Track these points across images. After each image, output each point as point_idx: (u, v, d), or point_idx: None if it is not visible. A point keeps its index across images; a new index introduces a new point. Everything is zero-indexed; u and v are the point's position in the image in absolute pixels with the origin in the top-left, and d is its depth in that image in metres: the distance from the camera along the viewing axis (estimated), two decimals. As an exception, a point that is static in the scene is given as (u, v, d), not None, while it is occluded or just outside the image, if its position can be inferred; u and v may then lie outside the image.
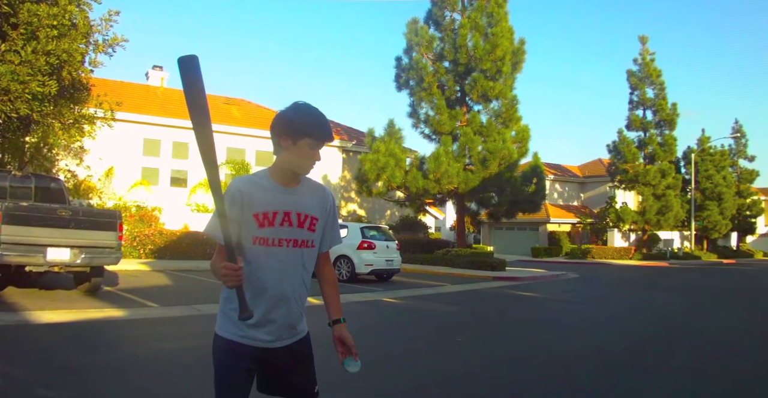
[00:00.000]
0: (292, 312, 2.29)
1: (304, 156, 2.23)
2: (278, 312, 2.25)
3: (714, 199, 46.35)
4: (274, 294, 2.23)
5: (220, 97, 32.37)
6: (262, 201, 2.20)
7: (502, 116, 24.96)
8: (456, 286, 16.25)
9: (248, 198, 2.19)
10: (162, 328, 8.06)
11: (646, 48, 40.71)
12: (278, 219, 2.22)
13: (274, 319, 2.25)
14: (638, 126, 40.59)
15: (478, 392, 5.29)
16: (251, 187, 2.22)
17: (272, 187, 2.24)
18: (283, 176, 2.27)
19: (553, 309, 12.76)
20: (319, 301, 2.52)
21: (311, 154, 2.25)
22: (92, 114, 16.52)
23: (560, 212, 44.25)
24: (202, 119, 1.94)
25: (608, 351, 7.39)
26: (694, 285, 19.87)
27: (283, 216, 2.23)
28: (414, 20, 25.49)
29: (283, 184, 2.26)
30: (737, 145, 53.41)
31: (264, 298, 2.22)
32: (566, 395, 5.26)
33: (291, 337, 2.32)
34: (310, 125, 2.22)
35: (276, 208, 2.22)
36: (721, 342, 8.44)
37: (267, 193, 2.22)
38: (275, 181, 2.26)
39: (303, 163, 2.25)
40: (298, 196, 2.28)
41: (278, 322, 2.26)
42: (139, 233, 20.26)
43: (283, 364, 2.31)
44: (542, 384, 5.60)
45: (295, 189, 2.29)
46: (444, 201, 29.19)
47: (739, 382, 5.92)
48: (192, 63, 1.87)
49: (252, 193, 2.20)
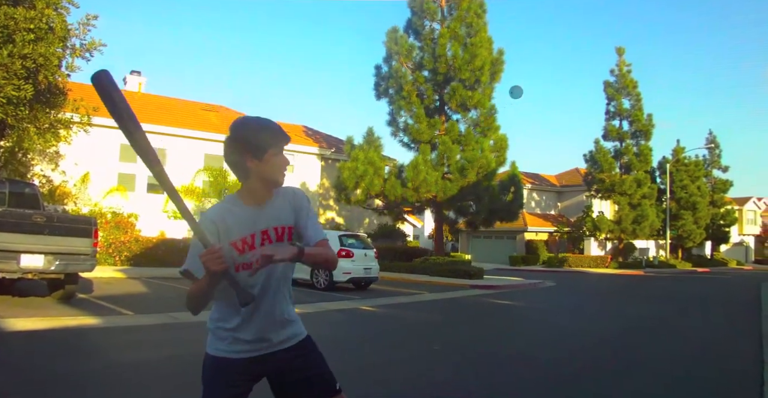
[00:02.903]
0: (275, 318, 2.26)
1: (275, 167, 2.19)
2: (265, 322, 2.24)
3: (689, 209, 46.97)
4: (261, 309, 2.22)
5: (199, 104, 32.20)
6: (238, 227, 2.16)
7: (481, 125, 25.13)
8: (434, 294, 16.27)
9: (223, 227, 2.15)
10: (137, 337, 7.98)
11: (623, 59, 41.26)
12: (257, 240, 2.19)
13: (262, 329, 2.24)
14: (615, 136, 41.07)
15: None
16: (224, 215, 2.18)
17: (244, 211, 2.20)
18: (255, 195, 2.22)
19: (530, 317, 12.84)
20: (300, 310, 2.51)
21: (280, 161, 2.20)
22: (68, 119, 16.36)
23: (538, 221, 44.55)
24: (132, 129, 1.94)
25: (584, 359, 7.45)
26: (668, 293, 20.10)
27: (261, 236, 2.20)
28: (394, 29, 25.59)
29: (256, 203, 2.21)
30: (711, 156, 54.23)
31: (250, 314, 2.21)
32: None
33: (283, 339, 2.29)
34: (267, 137, 2.18)
35: (253, 231, 2.18)
36: (693, 350, 8.56)
37: (241, 218, 2.18)
38: (246, 204, 2.21)
39: (276, 175, 2.21)
40: (271, 210, 2.23)
41: (264, 329, 2.24)
42: (114, 240, 20.04)
43: (291, 367, 2.29)
44: (518, 390, 5.63)
45: (268, 203, 2.23)
46: (422, 210, 29.29)
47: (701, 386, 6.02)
48: (106, 78, 1.87)
49: (226, 221, 2.16)
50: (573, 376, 6.42)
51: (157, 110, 28.23)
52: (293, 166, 30.61)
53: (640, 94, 41.14)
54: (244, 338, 2.22)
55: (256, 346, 2.24)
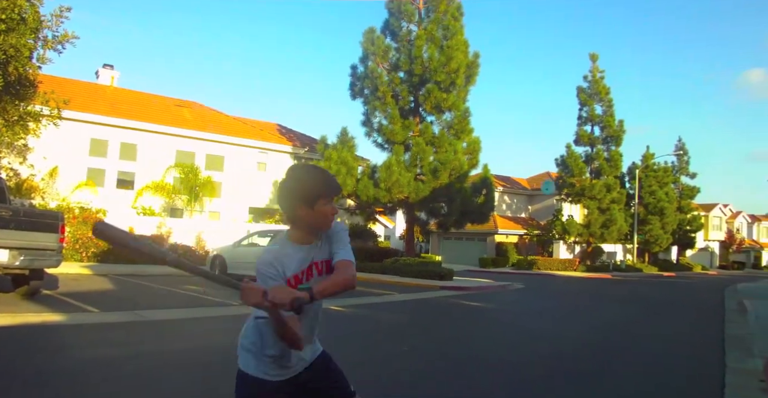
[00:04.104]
0: (312, 341, 2.46)
1: (323, 216, 2.29)
2: (306, 348, 2.37)
3: (656, 214, 47.72)
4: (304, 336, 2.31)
5: (172, 99, 31.91)
6: (291, 265, 2.27)
7: (454, 128, 25.26)
8: (404, 295, 16.33)
9: (281, 267, 2.24)
10: (101, 334, 7.91)
11: (596, 66, 41.82)
12: (305, 275, 2.31)
13: (302, 354, 2.37)
14: (586, 141, 41.63)
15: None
16: (280, 256, 2.27)
17: (294, 251, 2.30)
18: (304, 237, 2.33)
19: (498, 319, 12.95)
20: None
21: (329, 210, 2.30)
22: (38, 111, 16.14)
23: (508, 223, 44.91)
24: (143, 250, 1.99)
25: (550, 360, 7.55)
26: (634, 297, 20.40)
27: (308, 269, 2.32)
28: (371, 30, 25.60)
29: (305, 243, 2.33)
30: (680, 162, 55.21)
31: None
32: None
33: (314, 355, 2.46)
34: (320, 187, 2.27)
35: (303, 267, 2.31)
36: (651, 350, 8.72)
37: (293, 257, 2.29)
38: (297, 243, 2.32)
39: (322, 224, 2.32)
40: (318, 247, 2.36)
41: (304, 353, 2.38)
42: (82, 235, 19.77)
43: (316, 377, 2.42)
44: (485, 392, 5.71)
45: (316, 242, 2.36)
46: (394, 211, 29.35)
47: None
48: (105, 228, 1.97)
49: (283, 261, 2.26)
50: (539, 379, 6.52)
51: (129, 105, 27.92)
52: (265, 164, 30.48)
53: (612, 100, 41.82)
54: (287, 364, 2.34)
55: (296, 368, 2.37)
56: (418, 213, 27.25)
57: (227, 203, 28.57)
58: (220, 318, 10.09)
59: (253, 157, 29.93)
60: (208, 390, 5.35)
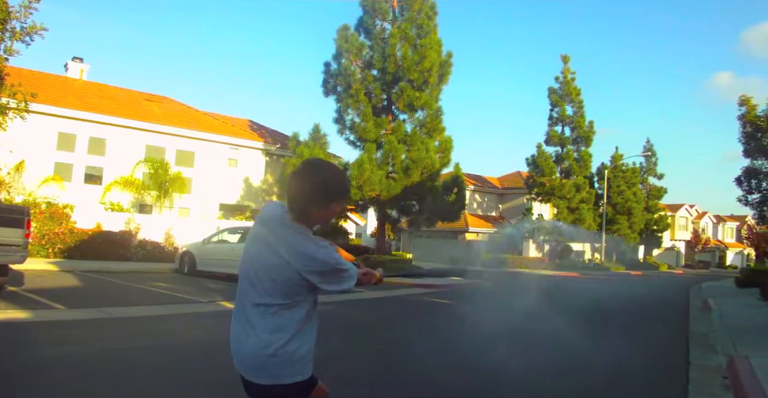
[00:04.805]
0: None
1: (333, 215, 2.35)
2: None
3: (624, 214, 48.48)
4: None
5: (142, 94, 31.50)
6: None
7: (427, 126, 25.34)
8: (374, 292, 16.37)
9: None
10: (67, 332, 7.82)
11: (568, 67, 42.29)
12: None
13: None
14: (556, 141, 42.10)
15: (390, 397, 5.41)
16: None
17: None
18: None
19: (466, 315, 13.05)
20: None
21: (333, 213, 2.34)
22: (4, 104, 15.85)
23: (479, 222, 45.23)
24: None
25: (516, 357, 7.63)
26: (602, 295, 20.63)
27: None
28: (345, 27, 25.54)
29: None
30: (648, 163, 56.09)
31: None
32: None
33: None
34: (345, 188, 2.35)
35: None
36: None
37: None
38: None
39: (326, 221, 2.37)
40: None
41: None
42: (48, 231, 19.45)
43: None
44: (451, 388, 5.77)
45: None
46: (366, 208, 29.32)
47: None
48: None
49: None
50: (502, 374, 6.60)
51: (98, 98, 27.51)
52: (236, 161, 30.27)
53: (583, 101, 42.38)
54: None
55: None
56: (389, 211, 27.30)
57: (197, 199, 28.33)
58: (188, 316, 10.04)
59: (224, 153, 29.69)
60: (176, 388, 5.33)
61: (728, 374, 6.64)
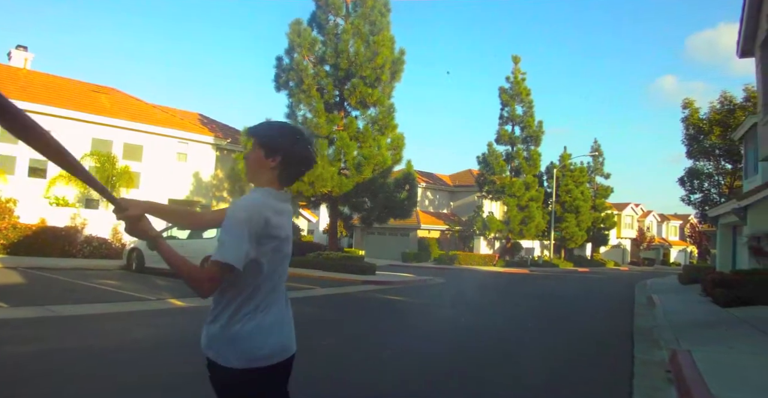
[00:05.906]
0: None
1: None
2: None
3: (572, 212, 49.43)
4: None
5: (89, 85, 30.64)
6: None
7: (379, 123, 25.37)
8: (326, 289, 16.34)
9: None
10: (10, 331, 7.56)
11: (518, 68, 42.88)
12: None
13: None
14: (507, 140, 42.67)
15: (341, 393, 5.40)
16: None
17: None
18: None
19: (417, 312, 13.15)
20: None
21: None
22: (-60, 94, 15.21)
23: (430, 219, 45.52)
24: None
25: (465, 352, 7.72)
26: (550, 291, 21.07)
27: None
28: (297, 21, 25.34)
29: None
30: (595, 163, 57.29)
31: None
32: (423, 394, 5.48)
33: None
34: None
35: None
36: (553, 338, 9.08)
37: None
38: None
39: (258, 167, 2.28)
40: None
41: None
42: (-11, 226, 18.82)
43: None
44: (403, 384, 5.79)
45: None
46: (317, 205, 29.20)
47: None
48: None
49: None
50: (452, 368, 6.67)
51: (43, 89, 26.66)
52: (186, 155, 29.78)
53: (533, 101, 43.02)
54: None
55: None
56: (341, 208, 27.27)
57: (146, 194, 27.71)
58: (135, 314, 9.83)
59: (173, 147, 29.13)
60: (121, 389, 5.21)
61: (671, 368, 6.80)
